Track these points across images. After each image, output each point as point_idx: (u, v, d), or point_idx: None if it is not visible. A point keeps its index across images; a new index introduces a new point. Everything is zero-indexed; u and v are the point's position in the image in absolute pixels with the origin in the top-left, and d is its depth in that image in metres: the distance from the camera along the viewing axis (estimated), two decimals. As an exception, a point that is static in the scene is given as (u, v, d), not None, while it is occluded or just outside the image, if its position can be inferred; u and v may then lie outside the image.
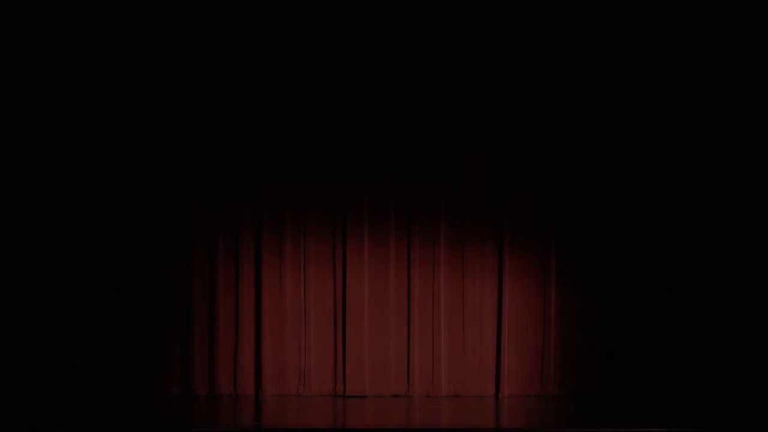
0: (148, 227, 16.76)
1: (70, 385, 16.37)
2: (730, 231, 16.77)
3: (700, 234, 16.85)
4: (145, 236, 16.75)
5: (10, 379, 16.24)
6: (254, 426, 14.08)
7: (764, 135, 16.67)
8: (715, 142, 16.84)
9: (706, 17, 16.66)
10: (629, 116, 16.93)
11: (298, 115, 16.90)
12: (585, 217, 16.97)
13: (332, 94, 16.89)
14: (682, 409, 15.60)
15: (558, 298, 16.97)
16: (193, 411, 15.80)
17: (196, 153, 16.82)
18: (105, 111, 16.66)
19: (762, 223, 16.68)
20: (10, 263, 16.49)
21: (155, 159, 16.78)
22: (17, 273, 16.47)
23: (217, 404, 16.18)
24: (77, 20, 16.54)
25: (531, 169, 16.98)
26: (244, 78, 16.84)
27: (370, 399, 16.52)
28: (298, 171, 16.90)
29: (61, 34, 16.53)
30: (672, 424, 14.00)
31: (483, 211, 17.01)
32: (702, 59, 16.78)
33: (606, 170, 16.94)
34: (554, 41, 16.82)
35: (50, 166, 16.59)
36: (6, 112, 16.51)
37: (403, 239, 17.00)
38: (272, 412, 15.48)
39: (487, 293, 16.98)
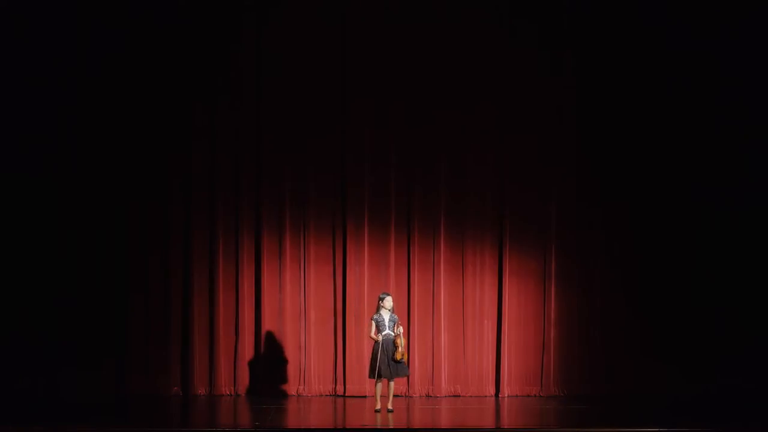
0: (148, 227, 16.78)
1: (70, 384, 16.38)
2: (721, 236, 16.88)
3: (699, 234, 16.93)
4: (145, 237, 16.77)
5: (8, 378, 16.30)
6: (254, 426, 14.07)
7: None
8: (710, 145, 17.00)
9: None
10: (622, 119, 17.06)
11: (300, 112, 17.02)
12: (584, 217, 17.04)
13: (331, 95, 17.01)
14: (682, 408, 15.62)
15: (558, 298, 17.01)
16: (193, 411, 15.81)
17: (194, 153, 16.87)
18: (114, 115, 16.77)
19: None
20: (10, 263, 16.57)
21: (154, 158, 16.84)
22: (16, 273, 16.53)
23: (217, 404, 16.20)
24: None
25: (531, 171, 17.06)
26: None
27: (370, 399, 16.51)
28: (298, 167, 16.96)
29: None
30: (672, 424, 14.00)
31: (484, 213, 17.04)
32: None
33: (603, 171, 17.01)
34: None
35: (51, 168, 16.68)
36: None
37: (403, 239, 17.03)
38: (272, 412, 15.47)
39: (486, 293, 17.01)
